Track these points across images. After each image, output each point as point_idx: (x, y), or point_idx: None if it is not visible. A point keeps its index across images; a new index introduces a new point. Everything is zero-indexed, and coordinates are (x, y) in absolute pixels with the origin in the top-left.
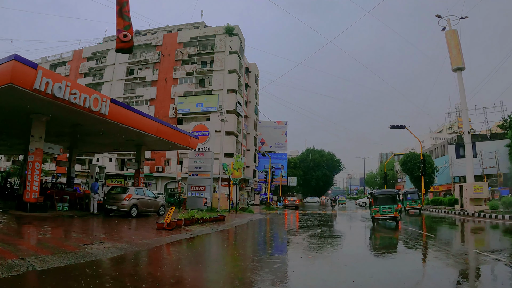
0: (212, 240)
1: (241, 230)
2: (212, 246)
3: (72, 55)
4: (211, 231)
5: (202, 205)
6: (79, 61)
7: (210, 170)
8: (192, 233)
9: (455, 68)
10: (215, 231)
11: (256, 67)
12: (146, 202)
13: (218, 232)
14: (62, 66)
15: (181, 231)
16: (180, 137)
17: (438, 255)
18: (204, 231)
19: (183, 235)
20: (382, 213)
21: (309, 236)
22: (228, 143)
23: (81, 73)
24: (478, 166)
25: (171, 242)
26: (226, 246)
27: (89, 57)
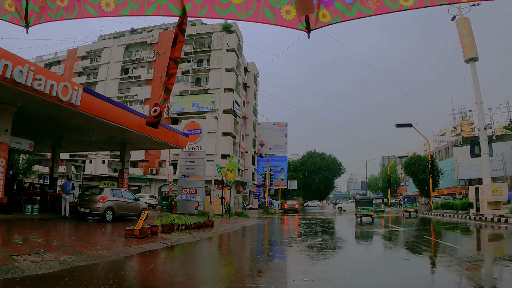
0: (187, 252)
1: (228, 239)
2: (183, 260)
3: (66, 54)
4: (192, 240)
5: (193, 209)
6: (74, 60)
7: (202, 171)
8: (168, 242)
9: (468, 59)
10: (197, 240)
11: (255, 66)
12: (124, 205)
13: (200, 241)
14: (56, 66)
15: (156, 239)
16: (167, 135)
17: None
18: (184, 239)
19: (155, 245)
20: (362, 212)
21: (307, 247)
22: (225, 144)
23: (75, 72)
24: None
25: (136, 253)
26: (201, 261)
27: (83, 56)
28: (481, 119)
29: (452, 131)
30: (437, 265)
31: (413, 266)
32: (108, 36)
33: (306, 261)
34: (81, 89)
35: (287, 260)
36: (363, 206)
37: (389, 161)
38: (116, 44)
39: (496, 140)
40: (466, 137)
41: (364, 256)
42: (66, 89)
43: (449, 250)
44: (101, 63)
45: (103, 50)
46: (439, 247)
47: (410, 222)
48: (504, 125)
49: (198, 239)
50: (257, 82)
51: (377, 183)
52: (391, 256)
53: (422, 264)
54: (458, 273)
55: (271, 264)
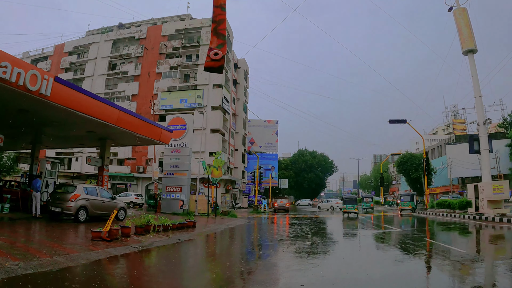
0: (158, 257)
1: (209, 242)
2: (149, 267)
3: (53, 50)
4: (168, 243)
5: (178, 208)
6: (61, 56)
7: (187, 169)
8: (139, 245)
9: (466, 51)
10: (173, 243)
11: (245, 63)
12: (99, 204)
13: (176, 245)
14: (43, 61)
15: (127, 242)
16: (148, 129)
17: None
18: (158, 242)
19: (123, 249)
20: (348, 209)
21: (294, 251)
22: (214, 142)
23: (62, 68)
24: (477, 166)
25: (98, 259)
26: (170, 269)
27: (70, 51)
28: (480, 113)
29: (445, 129)
30: (442, 275)
31: (412, 273)
32: (96, 31)
33: (293, 270)
34: (51, 78)
35: (271, 270)
36: (349, 204)
37: (381, 160)
38: (103, 39)
39: (490, 138)
40: (460, 135)
41: (358, 264)
42: (35, 78)
43: (457, 256)
44: (88, 59)
45: (90, 46)
46: (442, 251)
47: (405, 222)
48: (498, 123)
49: (175, 241)
50: (248, 79)
51: (369, 182)
52: (390, 266)
53: (423, 272)
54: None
55: (253, 275)
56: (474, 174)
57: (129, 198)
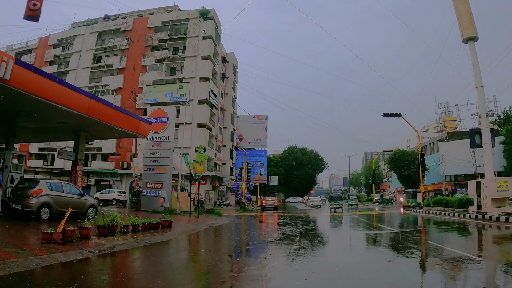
0: (112, 266)
1: (181, 245)
2: (94, 280)
3: (38, 43)
4: (133, 246)
5: (159, 205)
6: (45, 48)
7: (168, 164)
8: (97, 249)
9: (466, 38)
10: (139, 246)
11: (234, 57)
12: (66, 202)
13: (142, 249)
14: (27, 54)
15: (83, 245)
16: (124, 120)
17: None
18: (122, 245)
19: (75, 254)
20: (334, 205)
21: (281, 258)
22: (200, 137)
23: (46, 61)
24: (471, 164)
25: (37, 267)
26: (118, 282)
27: (55, 44)
28: (481, 104)
29: (436, 127)
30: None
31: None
32: (81, 23)
33: (275, 279)
34: (12, 61)
35: (249, 281)
36: (335, 201)
37: (372, 157)
38: (88, 31)
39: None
40: (452, 132)
41: (351, 273)
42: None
43: (473, 265)
44: (72, 52)
45: (75, 38)
46: (453, 259)
47: (402, 221)
48: (491, 121)
49: (143, 244)
50: (237, 73)
51: (360, 179)
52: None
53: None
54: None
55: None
56: (467, 171)
57: (112, 195)
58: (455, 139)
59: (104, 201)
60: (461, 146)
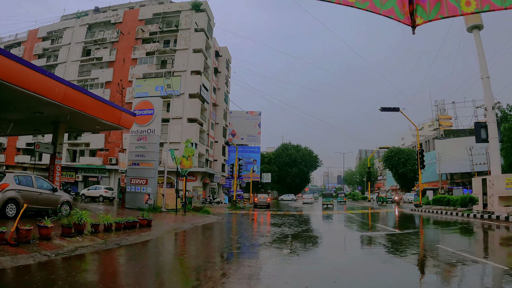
0: (62, 275)
1: (155, 249)
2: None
3: (27, 35)
4: (99, 249)
5: (143, 203)
6: (34, 41)
7: (154, 159)
8: (54, 252)
9: (470, 27)
10: (107, 249)
11: (227, 51)
12: (36, 197)
13: (107, 252)
14: (16, 47)
15: (40, 247)
16: (104, 111)
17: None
18: (86, 248)
19: (25, 258)
20: (326, 202)
21: (271, 265)
22: (190, 131)
23: (35, 55)
24: (467, 162)
25: None
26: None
27: (44, 37)
28: (488, 96)
29: (431, 125)
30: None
31: None
32: (71, 16)
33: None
34: None
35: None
36: (327, 198)
37: (367, 155)
38: (78, 24)
39: None
40: (449, 130)
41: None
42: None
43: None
44: (62, 44)
45: (64, 31)
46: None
47: (404, 221)
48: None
49: (111, 247)
50: (230, 68)
51: (354, 177)
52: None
53: None
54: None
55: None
56: (464, 169)
57: (99, 192)
58: (451, 137)
59: (91, 198)
60: (457, 144)
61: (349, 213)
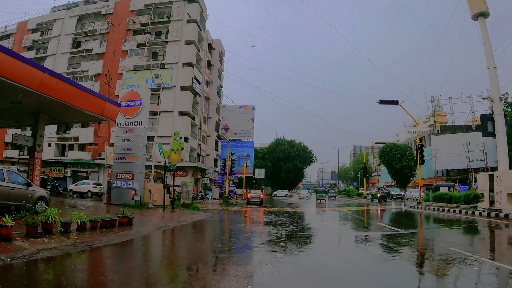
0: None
1: (133, 250)
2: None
3: (16, 27)
4: (66, 252)
5: (130, 199)
6: (24, 33)
7: (141, 152)
8: (12, 256)
9: (476, 14)
10: (76, 251)
11: (221, 44)
12: (7, 192)
13: (75, 255)
14: (6, 40)
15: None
16: (86, 100)
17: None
18: (51, 251)
19: None
20: (319, 197)
21: (262, 274)
22: (182, 125)
23: (24, 47)
24: (464, 158)
25: None
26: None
27: (34, 28)
28: (495, 87)
29: (425, 122)
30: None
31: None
32: (61, 7)
33: None
34: None
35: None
36: (320, 194)
37: (361, 151)
38: (68, 15)
39: (476, 129)
40: (445, 126)
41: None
42: None
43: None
44: (51, 36)
45: (54, 22)
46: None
47: (406, 219)
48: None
49: (80, 249)
50: (223, 62)
51: (348, 173)
52: None
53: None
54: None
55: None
56: (460, 166)
57: (87, 187)
58: (448, 133)
59: (79, 193)
60: (454, 140)
61: (345, 210)
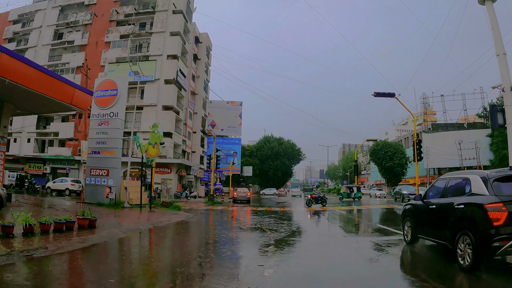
0: None
1: (82, 263)
2: None
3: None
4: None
5: (104, 197)
6: (5, 24)
7: (117, 146)
8: None
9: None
10: (8, 263)
11: (208, 38)
12: None
13: (4, 269)
14: None
15: None
16: (52, 86)
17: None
18: None
19: None
20: (307, 194)
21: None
22: (165, 120)
23: (5, 39)
24: (456, 157)
25: None
26: None
27: (15, 20)
28: (505, 75)
29: (415, 120)
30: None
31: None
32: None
33: None
34: None
35: None
36: (308, 192)
37: (350, 149)
38: (51, 6)
39: (468, 127)
40: (436, 123)
41: None
42: None
43: None
44: (33, 28)
45: (36, 13)
46: None
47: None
48: (477, 113)
49: (12, 262)
50: (210, 56)
51: (337, 172)
52: None
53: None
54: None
55: None
56: (452, 164)
57: (65, 185)
58: (439, 131)
59: (57, 191)
60: (446, 138)
61: (337, 209)
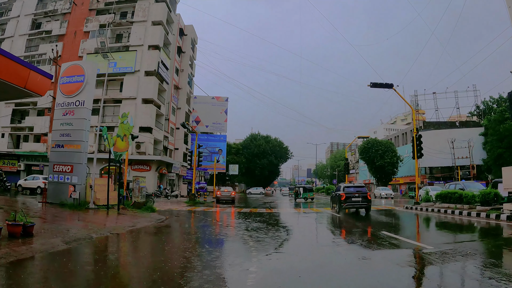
0: None
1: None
2: None
3: None
4: None
5: (67, 196)
6: None
7: (82, 139)
8: None
9: None
10: None
11: (193, 30)
12: None
13: None
14: None
15: None
16: (3, 67)
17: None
18: None
19: None
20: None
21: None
22: (145, 114)
23: None
24: (449, 156)
25: None
26: None
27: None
28: None
29: (403, 119)
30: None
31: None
32: None
33: None
34: None
35: None
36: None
37: (339, 148)
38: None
39: (461, 126)
40: (429, 121)
41: None
42: None
43: None
44: (10, 17)
45: (14, 2)
46: None
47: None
48: (470, 111)
49: None
50: (195, 49)
51: (325, 171)
52: None
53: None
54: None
55: None
56: (444, 163)
57: (37, 183)
58: (431, 129)
59: (29, 189)
60: (438, 136)
61: (329, 211)
